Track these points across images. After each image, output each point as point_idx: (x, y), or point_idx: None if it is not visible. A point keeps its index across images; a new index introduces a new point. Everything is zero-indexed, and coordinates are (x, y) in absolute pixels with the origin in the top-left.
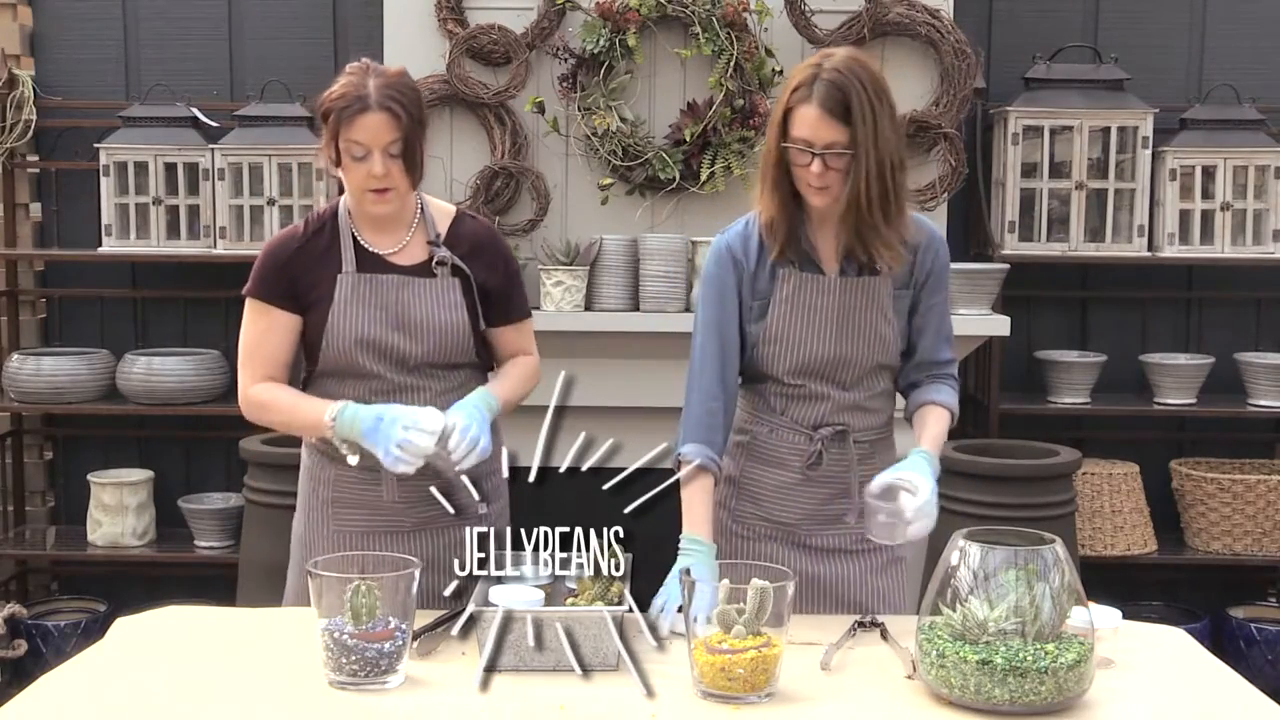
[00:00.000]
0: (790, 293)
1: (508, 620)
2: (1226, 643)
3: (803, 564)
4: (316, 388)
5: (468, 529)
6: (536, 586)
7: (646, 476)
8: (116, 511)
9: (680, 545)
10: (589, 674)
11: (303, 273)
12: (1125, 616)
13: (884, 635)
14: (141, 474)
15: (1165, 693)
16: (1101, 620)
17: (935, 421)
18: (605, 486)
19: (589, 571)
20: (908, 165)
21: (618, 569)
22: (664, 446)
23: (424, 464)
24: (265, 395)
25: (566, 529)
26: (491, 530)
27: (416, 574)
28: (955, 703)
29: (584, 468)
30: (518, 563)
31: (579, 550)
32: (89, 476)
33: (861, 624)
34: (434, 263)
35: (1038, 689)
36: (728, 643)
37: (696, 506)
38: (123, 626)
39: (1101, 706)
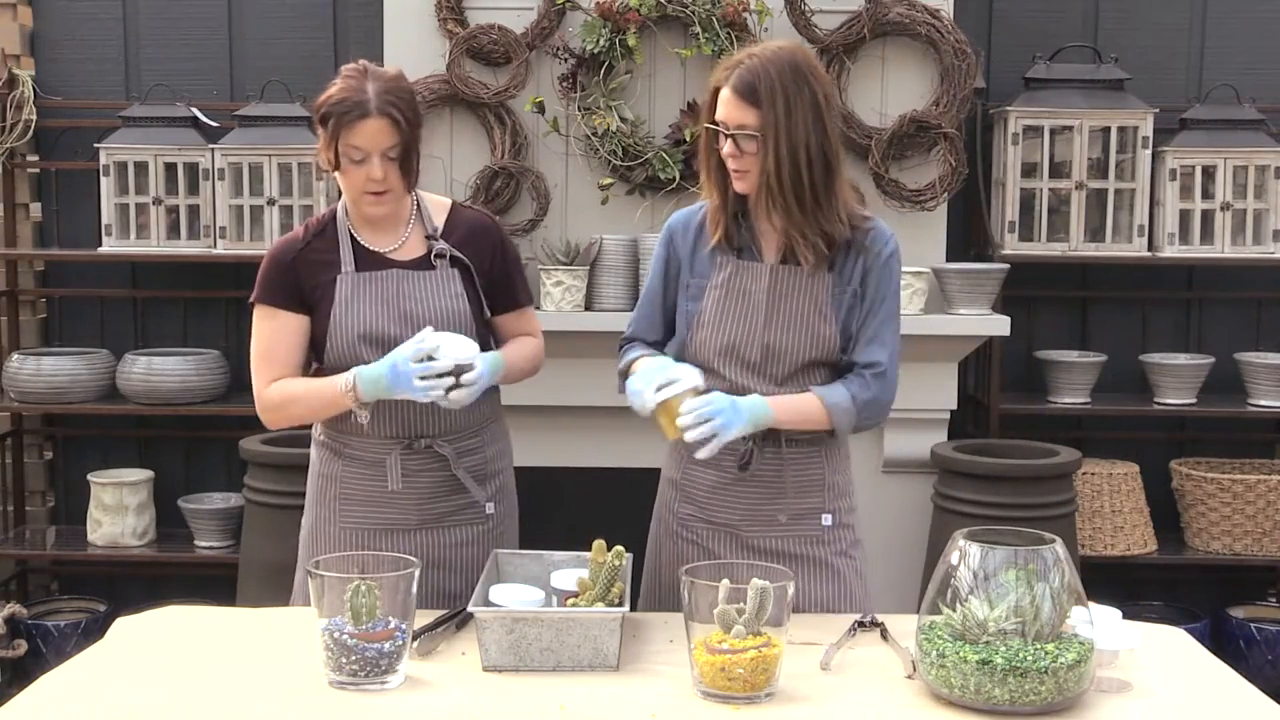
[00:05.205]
0: (725, 278)
1: (508, 620)
2: (1226, 643)
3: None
4: None
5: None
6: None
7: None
8: (116, 511)
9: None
10: (589, 674)
11: (306, 275)
12: (1125, 616)
13: (884, 635)
14: (141, 474)
15: (1165, 692)
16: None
17: (799, 397)
18: None
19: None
20: (840, 162)
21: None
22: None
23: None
24: (279, 392)
25: None
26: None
27: (416, 574)
28: (955, 703)
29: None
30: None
31: None
32: (89, 476)
33: (861, 624)
34: (433, 256)
35: (1038, 689)
36: (728, 643)
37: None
38: (123, 626)
39: (1101, 707)
